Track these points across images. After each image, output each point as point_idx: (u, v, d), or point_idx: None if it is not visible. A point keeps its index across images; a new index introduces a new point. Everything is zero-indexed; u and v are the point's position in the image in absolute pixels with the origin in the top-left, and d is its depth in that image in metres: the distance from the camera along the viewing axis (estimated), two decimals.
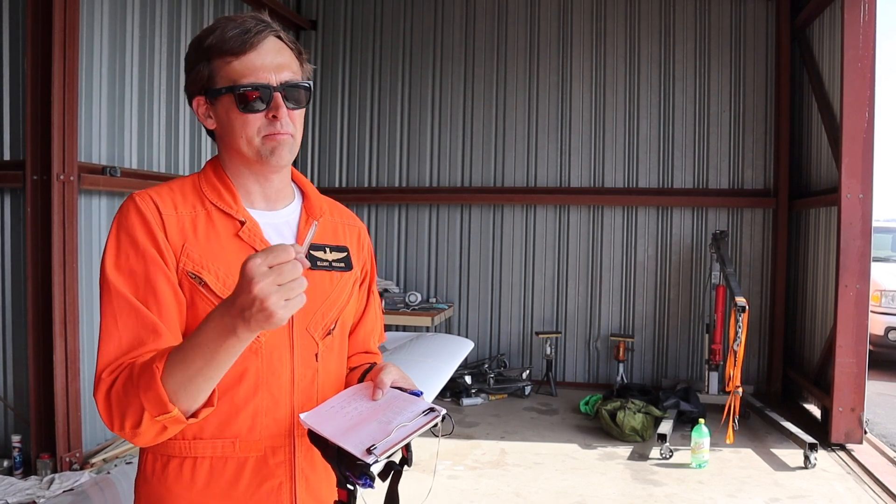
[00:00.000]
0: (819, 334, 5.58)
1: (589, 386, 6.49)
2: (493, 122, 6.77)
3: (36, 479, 3.87)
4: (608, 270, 6.61)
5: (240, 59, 1.18)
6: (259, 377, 1.21)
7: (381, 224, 6.99)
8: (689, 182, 6.47)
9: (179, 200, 1.22)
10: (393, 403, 1.22)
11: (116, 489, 2.19)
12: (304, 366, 1.26)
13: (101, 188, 4.39)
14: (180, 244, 1.18)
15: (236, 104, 1.18)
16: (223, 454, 1.21)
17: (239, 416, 1.21)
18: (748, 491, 4.10)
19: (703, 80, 6.43)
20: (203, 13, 5.54)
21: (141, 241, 1.16)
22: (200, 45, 1.21)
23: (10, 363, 4.21)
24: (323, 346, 1.28)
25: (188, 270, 1.17)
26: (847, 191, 4.81)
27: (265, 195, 1.28)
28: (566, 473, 4.35)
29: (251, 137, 1.19)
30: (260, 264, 0.92)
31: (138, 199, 1.19)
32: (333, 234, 1.36)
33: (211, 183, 1.25)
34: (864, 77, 4.76)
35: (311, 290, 1.24)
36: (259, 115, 1.18)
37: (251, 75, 1.17)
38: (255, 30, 1.18)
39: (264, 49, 1.19)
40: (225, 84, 1.18)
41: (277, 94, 1.18)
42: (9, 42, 4.12)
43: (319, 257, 1.28)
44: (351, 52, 7.05)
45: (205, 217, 1.22)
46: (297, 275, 0.94)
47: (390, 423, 1.15)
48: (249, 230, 1.23)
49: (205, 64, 1.20)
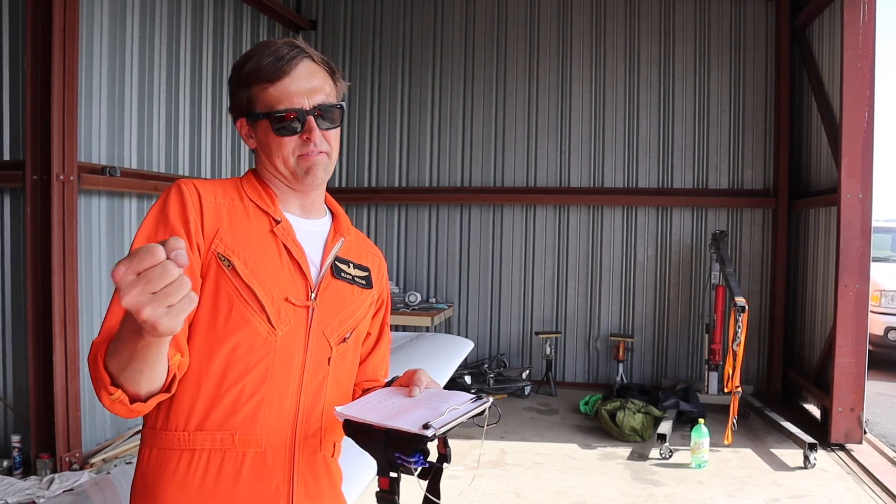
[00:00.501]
0: (819, 334, 5.58)
1: (589, 386, 6.49)
2: (492, 121, 6.78)
3: (35, 480, 3.87)
4: (608, 270, 6.61)
5: (275, 85, 1.25)
6: (269, 370, 1.22)
7: (381, 224, 6.99)
8: (689, 182, 6.48)
9: (220, 192, 1.28)
10: (434, 396, 1.22)
11: (116, 489, 2.19)
12: (316, 368, 1.27)
13: (100, 188, 4.39)
14: (215, 228, 1.22)
15: (272, 128, 1.26)
16: (221, 447, 1.21)
17: (242, 409, 1.21)
18: (748, 491, 4.10)
19: (702, 80, 6.44)
20: (202, 13, 5.54)
21: (172, 220, 1.19)
22: (240, 73, 1.29)
23: (10, 363, 4.21)
24: (336, 352, 1.30)
25: (218, 252, 1.21)
26: (847, 191, 4.81)
27: (301, 205, 1.34)
28: (566, 473, 4.36)
29: (287, 158, 1.27)
30: (124, 274, 0.80)
31: (182, 183, 1.24)
32: (357, 254, 1.41)
33: (251, 184, 1.32)
34: (864, 77, 4.76)
35: (332, 296, 1.28)
36: (294, 137, 1.26)
37: (285, 101, 1.25)
38: (288, 56, 1.26)
39: (297, 74, 1.26)
40: (262, 109, 1.27)
41: (310, 118, 1.26)
42: (9, 42, 4.11)
43: (344, 269, 1.34)
44: (351, 52, 7.05)
45: (242, 210, 1.27)
46: (172, 278, 0.81)
47: (439, 409, 1.14)
48: (284, 229, 1.28)
49: (244, 90, 1.29)
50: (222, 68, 5.83)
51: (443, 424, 1.10)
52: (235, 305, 1.20)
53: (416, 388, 1.25)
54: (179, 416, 1.21)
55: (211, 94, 5.68)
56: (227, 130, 5.94)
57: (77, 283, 4.13)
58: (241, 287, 1.20)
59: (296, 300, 1.25)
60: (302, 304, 1.26)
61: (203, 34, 5.56)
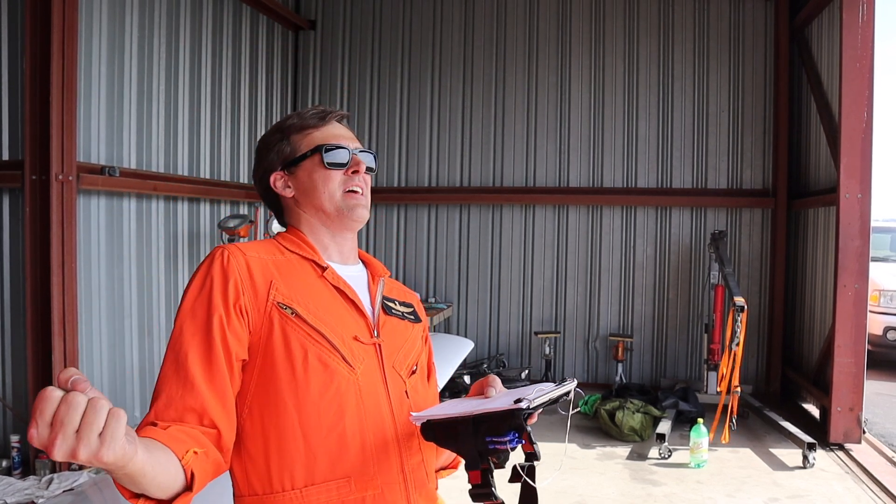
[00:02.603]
0: (818, 334, 5.58)
1: (588, 386, 6.49)
2: (491, 121, 6.78)
3: (35, 479, 3.87)
4: (607, 270, 6.61)
5: (319, 129, 1.35)
6: (361, 409, 1.20)
7: (380, 224, 6.99)
8: (688, 182, 6.48)
9: (261, 249, 1.28)
10: (512, 392, 1.17)
11: (115, 489, 2.19)
12: (399, 402, 1.26)
13: (99, 188, 4.39)
14: (268, 281, 1.21)
15: (321, 161, 1.31)
16: (339, 496, 1.18)
17: (349, 453, 1.19)
18: (747, 491, 4.10)
19: (701, 79, 6.44)
20: (202, 13, 5.54)
21: (213, 296, 1.16)
22: (280, 129, 1.37)
23: (9, 363, 4.21)
24: (409, 384, 1.29)
25: (278, 301, 1.20)
26: (846, 190, 4.81)
27: (340, 251, 1.36)
28: (565, 473, 4.35)
29: (333, 192, 1.31)
30: (39, 433, 0.74)
31: (224, 248, 1.23)
32: (398, 293, 1.44)
33: (289, 239, 1.34)
34: (863, 77, 4.76)
35: (390, 332, 1.30)
36: (340, 171, 1.32)
37: (332, 139, 1.33)
38: (329, 110, 1.38)
39: (337, 125, 1.38)
40: (308, 148, 1.33)
41: (356, 154, 1.34)
42: (7, 42, 4.11)
43: (393, 307, 1.37)
44: (350, 52, 7.05)
45: (286, 262, 1.28)
46: (82, 407, 0.75)
47: (524, 392, 1.08)
48: (332, 273, 1.30)
49: (284, 143, 1.35)
50: (221, 68, 5.83)
51: (536, 397, 1.04)
52: (311, 350, 1.18)
53: (490, 388, 1.24)
54: (283, 476, 1.17)
55: (210, 94, 5.68)
56: (227, 130, 5.94)
57: (76, 283, 4.13)
58: (311, 331, 1.19)
59: (363, 339, 1.25)
60: (369, 342, 1.26)
61: (202, 34, 5.56)
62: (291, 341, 1.18)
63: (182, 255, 5.25)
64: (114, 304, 4.62)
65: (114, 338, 4.62)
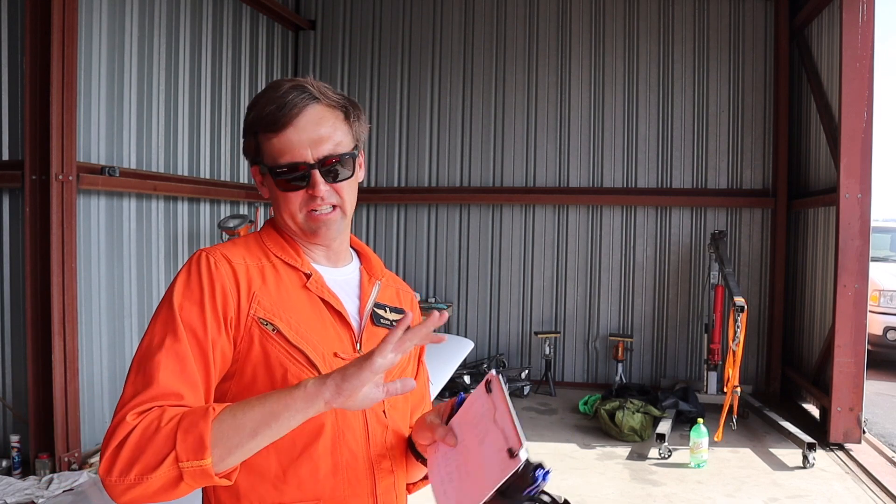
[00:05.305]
0: (818, 334, 5.58)
1: (588, 386, 6.49)
2: (491, 121, 6.78)
3: (35, 479, 3.87)
4: (607, 270, 6.61)
5: (278, 136, 1.19)
6: (336, 432, 1.18)
7: (380, 224, 6.99)
8: (688, 182, 6.48)
9: (246, 254, 1.22)
10: (469, 423, 1.13)
11: None
12: (376, 421, 1.23)
13: (99, 188, 4.39)
14: (251, 292, 1.17)
15: (275, 184, 1.21)
16: None
17: (320, 474, 1.17)
18: (747, 491, 4.10)
19: (701, 79, 6.44)
20: (202, 13, 5.54)
21: (199, 295, 1.13)
22: (247, 119, 1.24)
23: (9, 363, 4.21)
24: (388, 402, 1.25)
25: (259, 317, 1.15)
26: (846, 190, 4.81)
27: (326, 255, 1.29)
28: (565, 473, 4.35)
29: (294, 214, 1.22)
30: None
31: (207, 252, 1.18)
32: (391, 297, 1.37)
33: (273, 239, 1.26)
34: (863, 77, 4.76)
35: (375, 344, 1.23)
36: (300, 192, 1.20)
37: (288, 154, 1.18)
38: (291, 104, 1.18)
39: (302, 123, 1.19)
40: (268, 162, 1.21)
41: (315, 172, 1.19)
42: (7, 42, 4.11)
43: (383, 316, 1.30)
44: (350, 52, 7.05)
45: (271, 269, 1.22)
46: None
47: (490, 429, 1.06)
48: (316, 282, 1.23)
49: (252, 137, 1.23)
50: (221, 68, 5.83)
51: (514, 435, 1.02)
52: (290, 369, 1.15)
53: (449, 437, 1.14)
54: (252, 496, 1.15)
55: (210, 94, 5.68)
56: (226, 130, 5.94)
57: (76, 283, 4.13)
58: (291, 349, 1.15)
59: (344, 354, 1.20)
60: (350, 357, 1.19)
61: (202, 34, 5.56)
62: (271, 358, 1.15)
63: (182, 255, 5.25)
64: (114, 304, 4.62)
65: (114, 338, 4.62)
